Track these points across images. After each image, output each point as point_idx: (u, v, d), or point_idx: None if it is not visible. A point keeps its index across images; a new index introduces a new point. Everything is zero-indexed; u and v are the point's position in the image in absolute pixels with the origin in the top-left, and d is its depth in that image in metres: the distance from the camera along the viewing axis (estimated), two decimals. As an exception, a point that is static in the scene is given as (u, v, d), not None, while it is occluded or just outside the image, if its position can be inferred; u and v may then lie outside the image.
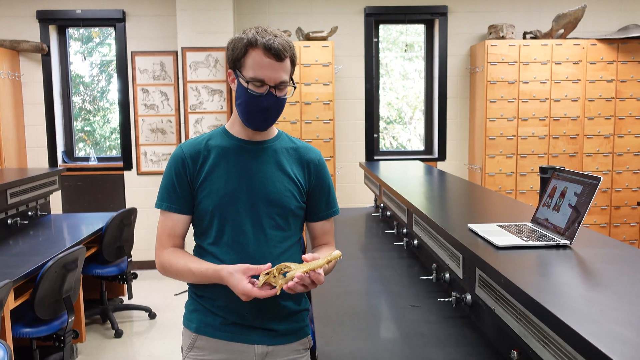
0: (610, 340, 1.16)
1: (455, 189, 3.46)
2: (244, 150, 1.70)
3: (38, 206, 4.46)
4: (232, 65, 1.66)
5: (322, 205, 1.80)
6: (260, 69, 1.58)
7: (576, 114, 5.65)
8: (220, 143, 1.71)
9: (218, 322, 1.69)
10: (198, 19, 5.43)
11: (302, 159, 1.76)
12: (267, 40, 1.57)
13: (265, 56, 1.58)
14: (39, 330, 3.17)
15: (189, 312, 1.76)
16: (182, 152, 1.70)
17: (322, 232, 1.83)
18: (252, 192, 1.67)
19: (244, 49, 1.60)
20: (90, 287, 4.51)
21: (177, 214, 1.69)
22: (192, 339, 1.72)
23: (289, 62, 1.63)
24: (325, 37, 5.62)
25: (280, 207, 1.68)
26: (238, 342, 1.69)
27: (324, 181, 1.80)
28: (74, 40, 6.24)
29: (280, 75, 1.60)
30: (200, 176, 1.67)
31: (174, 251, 1.69)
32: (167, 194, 1.69)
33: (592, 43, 5.61)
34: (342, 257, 1.59)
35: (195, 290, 1.73)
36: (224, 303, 1.66)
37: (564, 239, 1.86)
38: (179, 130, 5.93)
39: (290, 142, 1.79)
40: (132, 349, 4.08)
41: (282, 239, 1.70)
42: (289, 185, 1.70)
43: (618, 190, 5.75)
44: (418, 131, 6.63)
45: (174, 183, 1.68)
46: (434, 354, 1.87)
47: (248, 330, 1.69)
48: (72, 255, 3.29)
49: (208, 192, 1.66)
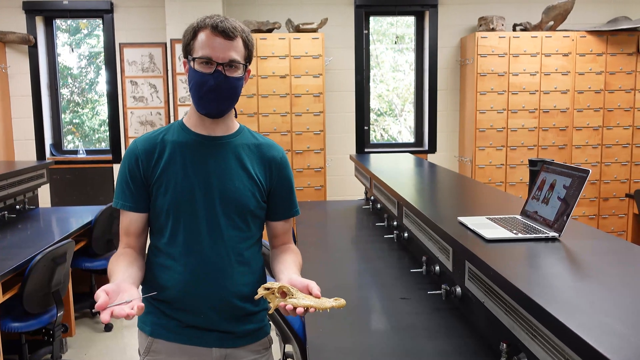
0: (599, 332, 1.17)
1: (446, 181, 3.47)
2: (202, 145, 1.62)
3: (26, 200, 4.42)
4: (184, 53, 1.59)
5: (283, 205, 1.74)
6: (206, 47, 1.52)
7: (565, 106, 5.68)
8: (177, 138, 1.63)
9: (173, 324, 1.62)
10: (187, 10, 5.38)
11: (263, 157, 1.68)
12: (214, 20, 1.52)
13: (212, 34, 1.52)
14: (27, 324, 3.15)
15: (143, 314, 1.61)
16: (136, 148, 1.62)
17: (283, 231, 1.77)
18: (209, 190, 1.59)
19: (192, 32, 1.55)
20: (80, 280, 4.48)
21: (131, 212, 1.62)
22: (148, 343, 1.65)
23: (242, 43, 1.56)
24: (316, 29, 5.59)
25: (239, 206, 1.61)
26: (195, 345, 1.63)
27: (285, 181, 1.72)
28: (61, 32, 6.17)
29: (229, 54, 1.53)
30: (155, 173, 1.60)
31: (117, 255, 1.60)
32: (122, 192, 1.62)
33: (581, 35, 5.62)
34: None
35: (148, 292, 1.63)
36: (180, 305, 1.61)
37: (553, 231, 1.87)
38: (168, 122, 5.89)
39: (253, 138, 1.71)
40: (122, 341, 4.07)
41: (240, 240, 1.63)
42: (248, 184, 1.63)
43: (607, 182, 5.79)
44: (408, 123, 6.63)
45: (128, 180, 1.61)
46: (423, 345, 1.87)
47: (205, 332, 1.62)
48: (61, 249, 3.26)
49: (163, 189, 1.59)
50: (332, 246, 3.24)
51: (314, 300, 1.40)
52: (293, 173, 3.19)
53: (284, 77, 5.49)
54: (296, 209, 1.78)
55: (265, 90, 5.48)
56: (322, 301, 1.41)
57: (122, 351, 3.92)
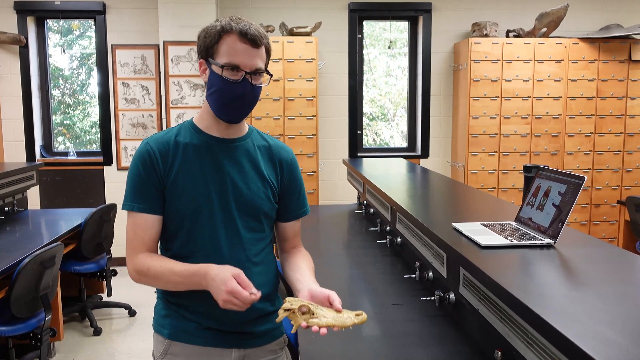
0: (595, 341, 1.15)
1: (439, 186, 3.46)
2: (215, 148, 1.61)
3: (15, 201, 4.37)
4: (203, 54, 1.56)
5: (293, 205, 1.74)
6: (235, 55, 1.50)
7: (558, 112, 5.70)
8: (190, 140, 1.60)
9: (192, 327, 1.61)
10: (180, 13, 5.35)
11: (274, 158, 1.69)
12: (243, 26, 1.50)
13: (240, 41, 1.50)
14: (15, 328, 3.10)
15: (160, 316, 1.67)
16: (150, 148, 1.57)
17: (293, 234, 1.77)
18: (224, 193, 1.58)
19: (217, 35, 1.51)
20: (68, 284, 4.43)
21: (150, 214, 1.56)
22: (165, 346, 1.63)
23: (265, 50, 1.55)
24: (309, 33, 5.58)
25: (254, 208, 1.61)
26: (214, 347, 1.62)
27: (295, 181, 1.74)
28: (53, 33, 6.12)
29: (256, 61, 1.52)
30: (169, 175, 1.56)
31: (150, 256, 1.56)
32: (138, 194, 1.55)
33: (574, 42, 5.65)
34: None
35: (167, 297, 1.64)
36: (200, 308, 1.59)
37: (547, 238, 1.86)
38: (160, 125, 5.85)
39: (262, 139, 1.71)
40: (111, 346, 4.02)
41: (255, 241, 1.64)
42: (261, 186, 1.63)
43: (598, 189, 5.81)
44: (401, 128, 6.63)
45: (144, 181, 1.55)
46: (416, 353, 1.86)
47: (224, 334, 1.62)
48: (49, 252, 3.22)
49: (179, 192, 1.56)
50: (324, 251, 3.21)
51: (336, 318, 1.39)
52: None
53: (277, 81, 5.47)
54: (305, 208, 1.79)
55: (258, 94, 5.45)
56: (344, 318, 1.39)
57: (110, 356, 3.87)
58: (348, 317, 1.40)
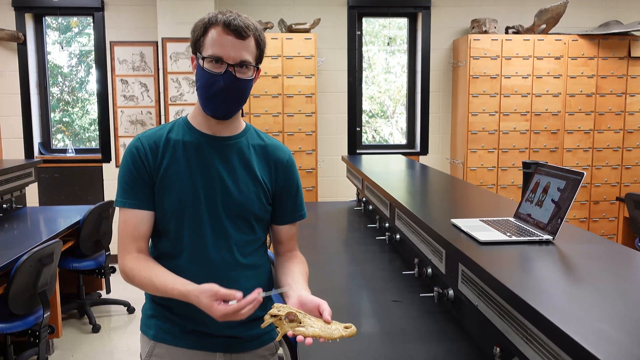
0: (594, 337, 1.15)
1: (438, 183, 3.46)
2: (207, 146, 1.56)
3: (13, 198, 4.36)
4: (193, 49, 1.53)
5: (288, 208, 1.68)
6: (217, 46, 1.45)
7: (557, 109, 5.69)
8: (182, 137, 1.56)
9: (177, 329, 1.58)
10: (178, 9, 5.34)
11: (269, 158, 1.63)
12: (227, 17, 1.45)
13: (224, 33, 1.45)
14: (13, 325, 3.10)
15: (146, 317, 1.64)
16: (141, 144, 1.54)
17: (288, 237, 1.71)
18: (212, 193, 1.53)
19: (203, 28, 1.48)
20: (67, 281, 4.42)
21: (141, 210, 1.53)
22: (150, 347, 1.60)
23: (254, 42, 1.49)
24: (308, 29, 5.57)
25: (243, 210, 1.56)
26: (199, 350, 1.58)
27: (292, 183, 1.67)
28: (51, 30, 6.11)
29: (241, 53, 1.46)
30: (158, 172, 1.53)
31: (138, 259, 1.52)
32: (129, 189, 1.53)
33: (573, 39, 5.64)
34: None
35: (154, 297, 1.61)
36: (184, 311, 1.54)
37: (546, 234, 1.86)
38: (159, 122, 5.84)
39: (259, 138, 1.65)
40: (109, 343, 4.02)
41: (245, 243, 1.58)
42: (253, 187, 1.58)
43: (597, 185, 5.81)
44: (400, 125, 6.62)
45: (135, 176, 1.52)
46: (415, 349, 1.85)
47: (209, 337, 1.58)
48: (47, 249, 3.21)
49: (167, 189, 1.53)
50: (323, 248, 3.21)
51: (323, 329, 1.34)
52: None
53: (276, 78, 5.46)
54: (302, 212, 1.72)
55: (257, 91, 5.45)
56: (332, 330, 1.35)
57: (109, 353, 3.87)
58: (336, 329, 1.36)
